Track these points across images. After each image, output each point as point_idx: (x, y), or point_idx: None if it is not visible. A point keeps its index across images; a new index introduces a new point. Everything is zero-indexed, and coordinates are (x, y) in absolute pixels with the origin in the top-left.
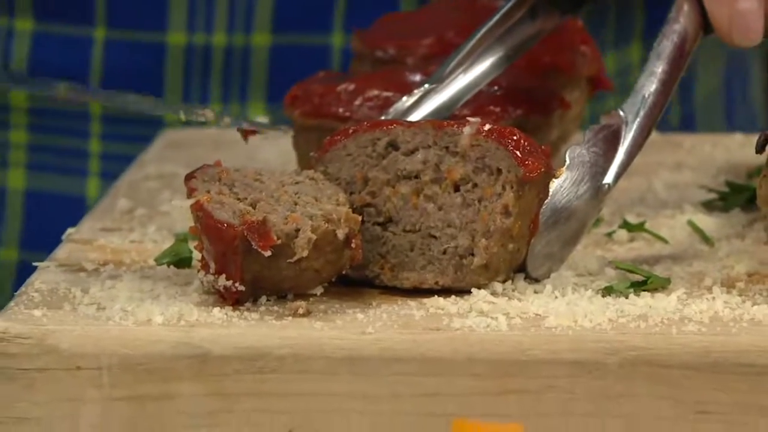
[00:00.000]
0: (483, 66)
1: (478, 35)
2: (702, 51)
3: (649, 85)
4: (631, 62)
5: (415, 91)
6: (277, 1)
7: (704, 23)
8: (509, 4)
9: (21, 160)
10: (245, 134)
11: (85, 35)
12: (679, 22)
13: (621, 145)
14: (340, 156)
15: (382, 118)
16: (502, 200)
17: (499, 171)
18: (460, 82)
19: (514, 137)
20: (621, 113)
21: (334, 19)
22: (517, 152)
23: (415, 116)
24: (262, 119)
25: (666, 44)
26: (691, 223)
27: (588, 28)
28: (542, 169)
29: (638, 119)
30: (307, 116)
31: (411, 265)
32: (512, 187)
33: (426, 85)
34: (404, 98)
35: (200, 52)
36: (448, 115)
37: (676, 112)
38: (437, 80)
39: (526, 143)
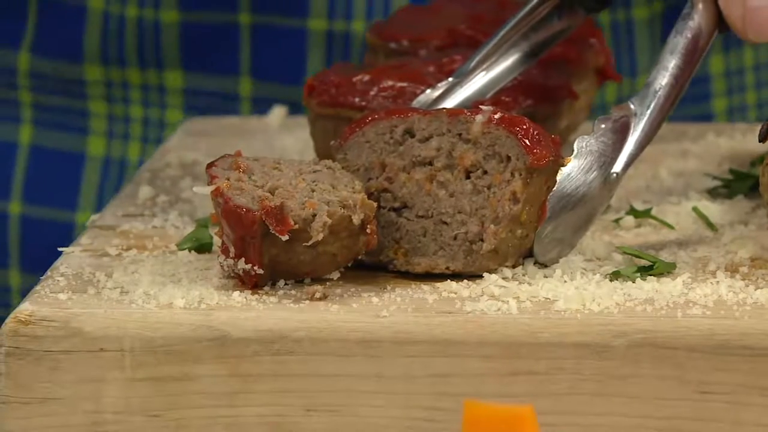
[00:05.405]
0: (508, 62)
1: (504, 31)
2: None
3: (661, 79)
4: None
5: (440, 84)
6: None
7: (719, 20)
8: (535, 1)
9: (101, 128)
10: None
11: (231, 21)
12: (693, 19)
13: (630, 135)
14: (359, 143)
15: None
16: (511, 187)
17: (509, 158)
18: (484, 77)
19: (524, 126)
20: (631, 106)
21: None
22: (526, 140)
23: None
24: None
25: (679, 39)
26: (696, 210)
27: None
28: (550, 158)
29: (649, 112)
30: (324, 106)
31: (423, 250)
32: (520, 175)
33: (450, 79)
34: (428, 91)
35: (340, 39)
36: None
37: None
38: (462, 74)
39: (535, 132)
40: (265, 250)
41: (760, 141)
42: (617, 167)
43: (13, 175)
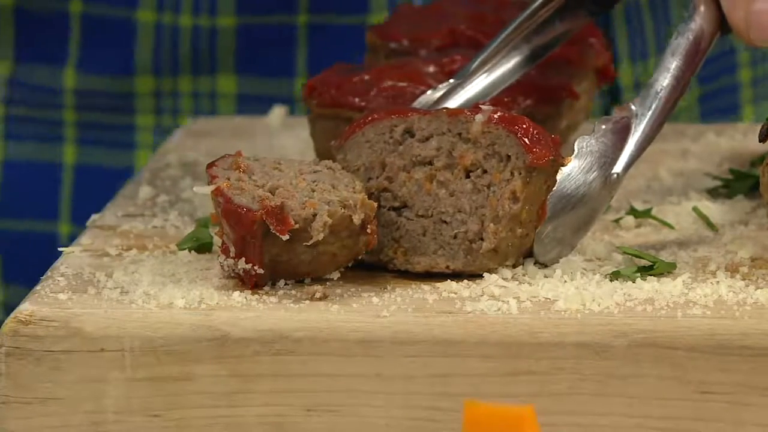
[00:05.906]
0: (509, 64)
1: (506, 33)
2: None
3: (662, 81)
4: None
5: (441, 85)
6: None
7: (722, 23)
8: (537, 3)
9: (148, 141)
10: None
11: (289, 23)
12: (695, 21)
13: (631, 136)
14: (359, 143)
15: None
16: (510, 186)
17: (508, 157)
18: (485, 79)
19: (523, 125)
20: (632, 107)
21: None
22: (526, 140)
23: None
24: None
25: (681, 41)
26: (696, 210)
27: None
28: (550, 157)
29: (650, 113)
30: (324, 106)
31: (423, 249)
32: (520, 174)
33: (452, 80)
34: (430, 92)
35: None
36: None
37: None
38: (463, 76)
39: (534, 131)
40: (265, 250)
41: (760, 141)
42: (618, 168)
43: (60, 196)
